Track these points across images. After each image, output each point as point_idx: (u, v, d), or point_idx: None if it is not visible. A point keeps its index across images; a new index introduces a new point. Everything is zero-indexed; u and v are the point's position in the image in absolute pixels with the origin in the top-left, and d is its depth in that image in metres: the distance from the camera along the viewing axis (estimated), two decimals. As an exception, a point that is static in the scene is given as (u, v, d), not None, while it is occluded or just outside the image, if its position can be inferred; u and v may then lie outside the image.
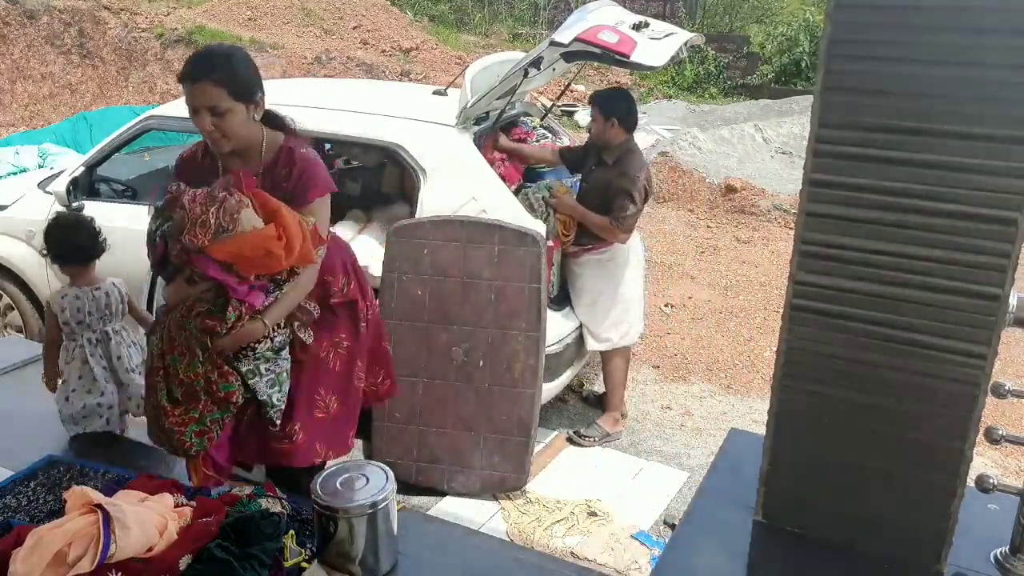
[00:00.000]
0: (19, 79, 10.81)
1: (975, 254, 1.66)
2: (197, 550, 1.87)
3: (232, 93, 2.26)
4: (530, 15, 15.48)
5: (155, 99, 9.96)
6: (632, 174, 3.88)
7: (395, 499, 2.04)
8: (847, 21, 1.67)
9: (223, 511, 2.00)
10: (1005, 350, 3.29)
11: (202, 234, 2.18)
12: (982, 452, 4.07)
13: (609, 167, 3.96)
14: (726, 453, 2.36)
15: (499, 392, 3.58)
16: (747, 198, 7.97)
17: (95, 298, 2.86)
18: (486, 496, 3.68)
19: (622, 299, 4.06)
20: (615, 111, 3.95)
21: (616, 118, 3.94)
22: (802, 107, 9.95)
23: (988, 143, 1.60)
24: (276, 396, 2.38)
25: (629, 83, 12.15)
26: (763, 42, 13.49)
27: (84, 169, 4.35)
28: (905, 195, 1.69)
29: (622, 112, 3.96)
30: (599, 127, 4.00)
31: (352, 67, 10.56)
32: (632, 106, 4.05)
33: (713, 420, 4.48)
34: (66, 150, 7.02)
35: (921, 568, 1.87)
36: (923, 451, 1.80)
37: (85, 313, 2.83)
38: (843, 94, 1.71)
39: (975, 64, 1.59)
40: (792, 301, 1.85)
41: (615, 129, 3.95)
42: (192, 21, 11.12)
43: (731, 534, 2.03)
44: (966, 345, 1.71)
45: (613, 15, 3.74)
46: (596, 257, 4.04)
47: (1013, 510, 1.84)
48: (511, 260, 3.53)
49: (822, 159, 1.75)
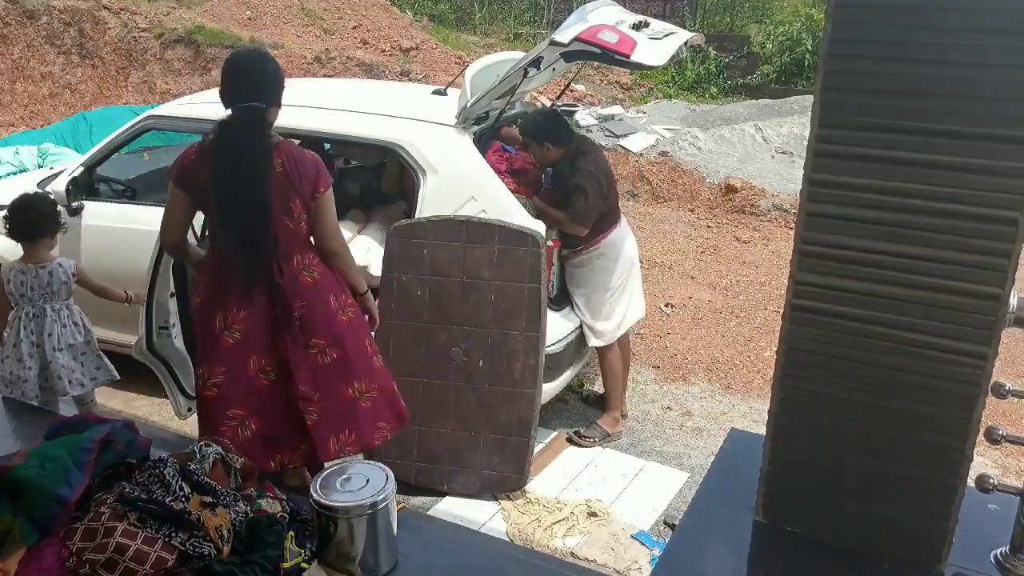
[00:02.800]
0: (19, 79, 10.81)
1: (975, 254, 1.65)
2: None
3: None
4: (530, 15, 15.48)
5: (155, 99, 9.96)
6: (584, 170, 3.95)
7: (395, 499, 2.04)
8: (847, 21, 1.67)
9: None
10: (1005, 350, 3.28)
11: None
12: (982, 452, 4.07)
13: (565, 174, 4.02)
14: (726, 453, 2.36)
15: (499, 392, 3.58)
16: (747, 198, 7.97)
17: (38, 275, 3.14)
18: (486, 496, 3.68)
19: (614, 292, 4.10)
20: (543, 136, 4.02)
21: (547, 140, 4.02)
22: (802, 107, 9.94)
23: (988, 143, 1.60)
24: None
25: (629, 83, 12.16)
26: (763, 42, 13.48)
27: (84, 169, 4.35)
28: (905, 195, 1.68)
29: (550, 134, 4.03)
30: (537, 154, 4.09)
31: (352, 67, 10.55)
32: (557, 124, 4.12)
33: (713, 420, 4.48)
34: (66, 150, 7.01)
35: (921, 568, 1.87)
36: (923, 451, 1.80)
37: (28, 288, 3.13)
38: (843, 94, 1.70)
39: (975, 64, 1.59)
40: (792, 301, 1.85)
41: (551, 150, 4.03)
42: (192, 21, 11.11)
43: (731, 534, 2.03)
44: (966, 345, 1.70)
45: (613, 15, 3.74)
46: (586, 255, 4.07)
47: (1013, 510, 1.84)
48: (511, 260, 3.53)
49: (822, 159, 1.75)
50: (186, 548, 1.94)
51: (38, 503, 1.97)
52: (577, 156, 4.02)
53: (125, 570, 1.88)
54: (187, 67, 10.75)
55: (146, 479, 2.06)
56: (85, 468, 2.04)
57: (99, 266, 4.25)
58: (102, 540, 1.91)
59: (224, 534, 2.00)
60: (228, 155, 2.58)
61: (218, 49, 10.64)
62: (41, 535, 1.97)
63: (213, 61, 10.63)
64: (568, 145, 4.05)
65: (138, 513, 1.97)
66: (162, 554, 1.91)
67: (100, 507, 2.00)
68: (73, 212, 4.30)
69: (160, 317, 3.52)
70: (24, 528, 1.95)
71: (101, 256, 4.27)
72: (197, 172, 2.62)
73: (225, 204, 2.61)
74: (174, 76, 10.72)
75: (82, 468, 2.04)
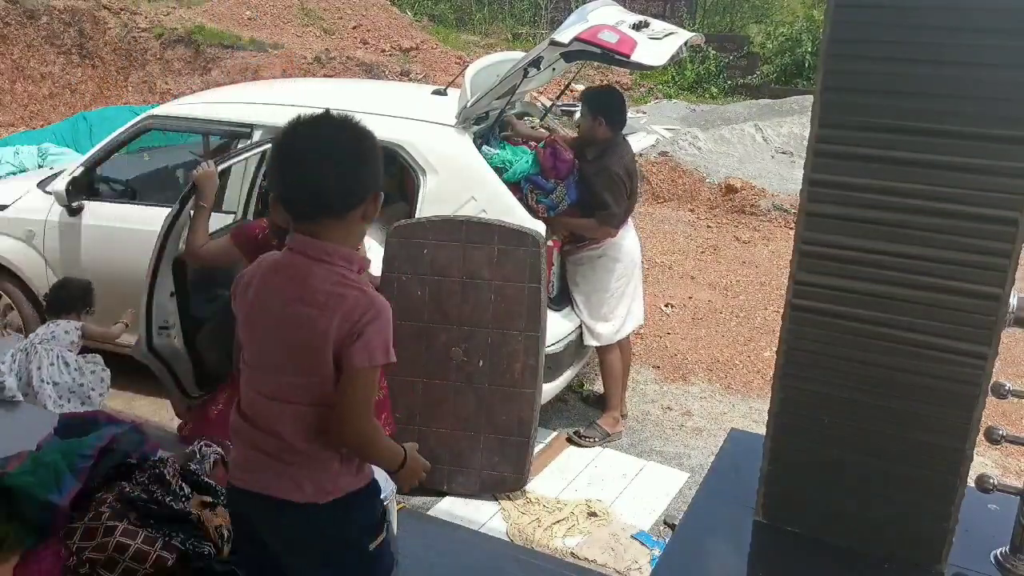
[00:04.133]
0: (19, 79, 10.80)
1: (975, 254, 1.65)
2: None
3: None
4: (530, 15, 15.47)
5: (155, 99, 9.95)
6: (611, 171, 3.93)
7: (395, 499, 2.04)
8: (847, 21, 1.67)
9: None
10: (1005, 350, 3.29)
11: None
12: (982, 452, 4.07)
13: (589, 162, 3.99)
14: (726, 453, 2.36)
15: (499, 392, 3.58)
16: (747, 198, 7.97)
17: (48, 327, 3.60)
18: (486, 496, 3.68)
19: (614, 294, 4.09)
20: (602, 109, 3.99)
21: (603, 116, 3.98)
22: (802, 107, 9.94)
23: (988, 143, 1.60)
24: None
25: (629, 83, 12.15)
26: (763, 42, 13.48)
27: (84, 169, 4.35)
28: (905, 195, 1.68)
29: (609, 110, 4.00)
30: (587, 124, 4.06)
31: (352, 67, 10.55)
32: (620, 105, 4.09)
33: (713, 420, 4.48)
34: (66, 150, 7.01)
35: (921, 568, 1.87)
36: (923, 451, 1.80)
37: (33, 333, 3.60)
38: (843, 94, 1.70)
39: (975, 64, 1.59)
40: (792, 301, 1.85)
41: (602, 127, 3.99)
42: (192, 21, 11.11)
43: (731, 534, 2.03)
44: (966, 345, 1.70)
45: (613, 15, 3.74)
46: (588, 253, 4.07)
47: (1013, 510, 1.84)
48: (511, 260, 3.53)
49: (822, 159, 1.75)
50: (186, 548, 1.94)
51: (28, 509, 1.97)
52: (607, 149, 3.99)
53: (125, 569, 1.88)
54: (187, 67, 10.74)
55: (146, 479, 2.07)
56: (80, 474, 2.04)
57: (99, 266, 4.27)
58: (102, 539, 1.92)
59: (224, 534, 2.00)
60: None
61: (218, 49, 10.65)
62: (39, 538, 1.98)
63: (213, 61, 10.63)
64: (615, 133, 4.03)
65: (138, 512, 1.97)
66: (162, 553, 1.92)
67: (100, 507, 2.00)
68: (73, 212, 4.29)
69: (160, 317, 3.52)
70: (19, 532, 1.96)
71: (101, 256, 4.28)
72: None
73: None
74: (174, 76, 10.71)
75: (77, 474, 2.03)
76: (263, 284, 1.72)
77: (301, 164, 1.67)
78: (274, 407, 1.69)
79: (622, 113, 4.08)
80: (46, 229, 4.39)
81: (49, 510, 1.96)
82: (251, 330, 1.74)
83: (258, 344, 1.73)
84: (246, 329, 1.75)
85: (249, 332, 1.75)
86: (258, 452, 1.70)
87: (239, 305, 1.76)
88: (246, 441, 1.73)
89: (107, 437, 2.14)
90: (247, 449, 1.73)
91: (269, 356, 1.70)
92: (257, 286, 1.73)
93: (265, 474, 1.69)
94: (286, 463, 1.68)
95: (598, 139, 4.01)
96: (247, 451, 1.73)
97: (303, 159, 1.67)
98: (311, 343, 1.62)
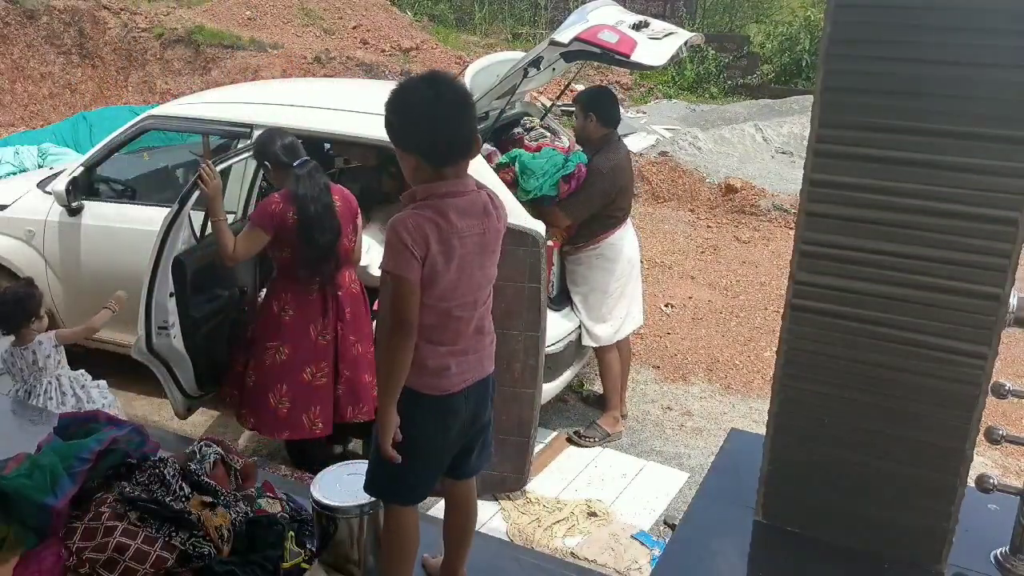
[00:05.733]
0: (19, 79, 10.80)
1: (975, 254, 1.66)
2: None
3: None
4: (530, 15, 15.47)
5: (155, 99, 9.95)
6: (598, 168, 3.95)
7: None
8: (847, 21, 1.67)
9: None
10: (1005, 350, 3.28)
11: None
12: (982, 452, 4.07)
13: (587, 165, 3.99)
14: (726, 453, 2.36)
15: (499, 392, 3.57)
16: (747, 198, 7.97)
17: (23, 356, 3.45)
18: (486, 496, 3.68)
19: (613, 295, 4.09)
20: (592, 105, 4.05)
21: (594, 112, 4.03)
22: (802, 107, 9.94)
23: (988, 143, 1.60)
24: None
25: (629, 83, 12.15)
26: (763, 42, 13.48)
27: (84, 169, 4.35)
28: (905, 195, 1.69)
29: (599, 106, 4.05)
30: (580, 123, 4.12)
31: (352, 67, 10.55)
32: (611, 102, 4.14)
33: (713, 420, 4.48)
34: (66, 150, 7.00)
35: (921, 568, 1.87)
36: (923, 451, 1.80)
37: (18, 368, 3.48)
38: (843, 94, 1.71)
39: (975, 64, 1.59)
40: (792, 301, 1.85)
41: (593, 123, 4.04)
42: (192, 21, 11.11)
43: (731, 534, 2.03)
44: (966, 345, 1.70)
45: (613, 15, 3.74)
46: (586, 253, 4.07)
47: (1013, 510, 1.84)
48: (511, 260, 3.52)
49: (822, 159, 1.75)
50: (186, 548, 1.94)
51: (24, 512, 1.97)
52: (603, 147, 4.02)
53: (125, 569, 1.88)
54: (187, 67, 10.74)
55: (146, 479, 2.06)
56: (77, 477, 2.03)
57: (99, 266, 4.27)
58: (102, 539, 1.92)
59: (224, 534, 2.00)
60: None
61: (218, 49, 10.65)
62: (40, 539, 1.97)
63: (213, 61, 10.64)
64: (609, 131, 4.06)
65: (138, 512, 1.97)
66: (162, 553, 1.91)
67: (100, 507, 2.00)
68: (73, 212, 4.29)
69: (159, 317, 3.51)
70: (19, 533, 1.95)
71: (101, 256, 4.27)
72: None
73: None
74: (174, 76, 10.72)
75: (74, 477, 2.03)
76: (465, 226, 1.95)
77: (463, 109, 1.95)
78: (486, 311, 2.07)
79: (613, 108, 4.13)
80: (46, 229, 4.39)
81: (45, 512, 1.96)
82: (469, 261, 1.96)
83: (480, 269, 2.00)
84: (467, 262, 1.96)
85: (470, 261, 1.97)
86: (481, 353, 2.07)
87: (444, 253, 1.91)
88: (476, 349, 2.05)
89: (107, 440, 2.13)
90: (472, 355, 2.04)
91: (488, 270, 2.02)
92: (461, 227, 1.94)
93: (488, 361, 2.12)
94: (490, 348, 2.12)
95: (592, 138, 4.05)
96: (471, 356, 2.04)
97: (465, 105, 1.95)
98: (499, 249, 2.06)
